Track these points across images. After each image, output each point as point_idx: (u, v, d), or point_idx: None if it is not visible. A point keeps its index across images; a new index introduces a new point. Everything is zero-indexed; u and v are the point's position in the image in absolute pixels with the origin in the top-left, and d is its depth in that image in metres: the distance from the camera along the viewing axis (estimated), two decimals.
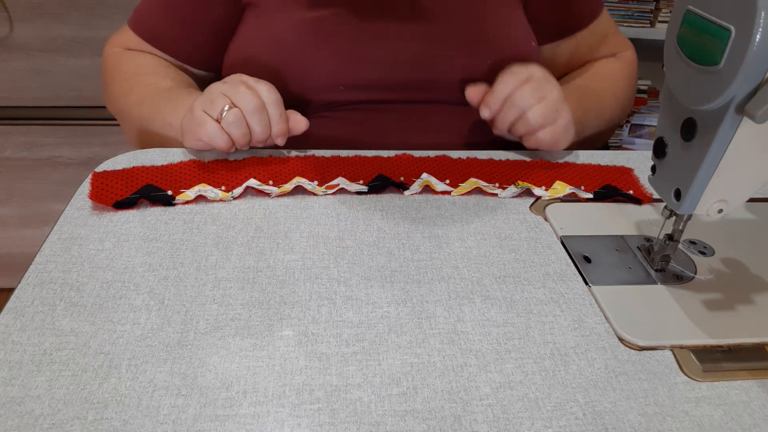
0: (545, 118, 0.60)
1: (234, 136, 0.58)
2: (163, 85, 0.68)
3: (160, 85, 0.68)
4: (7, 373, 0.39)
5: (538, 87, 0.60)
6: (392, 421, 0.38)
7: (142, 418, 0.37)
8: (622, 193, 0.60)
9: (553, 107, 0.60)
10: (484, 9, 0.69)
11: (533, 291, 0.48)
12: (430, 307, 0.46)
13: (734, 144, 0.40)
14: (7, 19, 1.27)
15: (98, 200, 0.54)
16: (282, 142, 0.61)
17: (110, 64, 0.73)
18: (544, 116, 0.60)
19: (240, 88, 0.57)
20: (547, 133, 0.61)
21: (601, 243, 0.54)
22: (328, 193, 0.58)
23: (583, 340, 0.44)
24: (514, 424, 0.38)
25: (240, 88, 0.57)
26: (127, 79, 0.70)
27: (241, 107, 0.57)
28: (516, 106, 0.60)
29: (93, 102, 1.38)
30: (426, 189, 0.60)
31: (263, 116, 0.58)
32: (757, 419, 0.39)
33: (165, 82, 0.68)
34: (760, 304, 0.48)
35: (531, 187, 0.60)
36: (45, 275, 0.47)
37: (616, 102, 0.76)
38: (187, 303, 0.45)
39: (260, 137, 0.59)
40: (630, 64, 0.79)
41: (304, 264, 0.50)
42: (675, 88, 0.42)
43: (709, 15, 0.38)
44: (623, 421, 0.38)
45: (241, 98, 0.57)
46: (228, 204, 0.56)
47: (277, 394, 0.39)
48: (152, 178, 0.57)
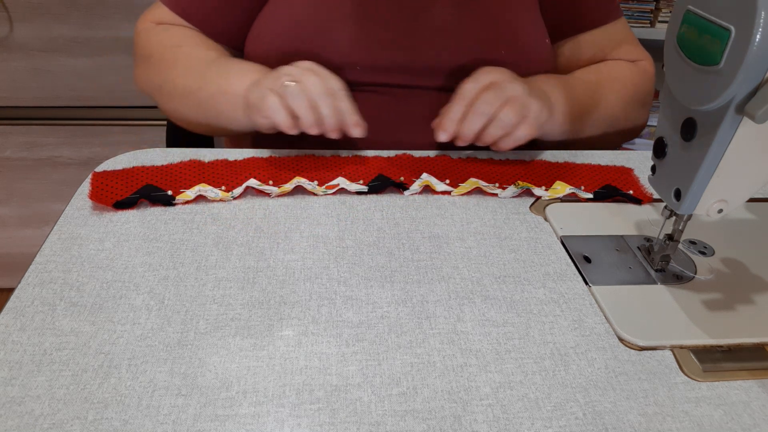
0: (518, 116, 0.59)
1: (297, 109, 0.56)
2: (208, 55, 0.68)
3: (204, 55, 0.68)
4: (7, 373, 0.39)
5: (501, 90, 0.59)
6: (392, 421, 0.37)
7: (142, 418, 0.37)
8: (622, 193, 0.60)
9: (521, 103, 0.59)
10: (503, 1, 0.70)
11: (533, 291, 0.48)
12: (430, 307, 0.46)
13: (734, 144, 0.40)
14: (7, 19, 1.27)
15: (98, 200, 0.54)
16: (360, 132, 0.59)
17: (145, 39, 0.72)
18: (517, 113, 0.59)
19: (308, 73, 0.57)
20: (524, 128, 0.59)
21: (601, 243, 0.54)
22: (328, 193, 0.58)
23: (583, 340, 0.44)
24: (514, 424, 0.38)
25: (308, 74, 0.57)
26: (168, 51, 0.69)
27: (307, 88, 0.57)
28: (481, 114, 0.59)
29: (93, 102, 1.38)
30: (426, 189, 0.60)
31: (331, 100, 0.57)
32: (757, 419, 0.39)
33: (209, 52, 0.68)
34: (760, 304, 0.48)
35: (531, 187, 0.60)
36: (45, 275, 0.47)
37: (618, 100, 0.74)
38: (187, 303, 0.45)
39: (330, 122, 0.58)
40: (644, 72, 0.76)
41: (304, 264, 0.50)
42: (675, 88, 0.42)
43: (709, 15, 0.38)
44: (623, 421, 0.38)
45: (308, 80, 0.57)
46: (228, 204, 0.56)
47: (277, 394, 0.39)
48: (152, 178, 0.57)
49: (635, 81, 0.75)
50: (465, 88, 0.61)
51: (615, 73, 0.75)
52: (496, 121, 0.58)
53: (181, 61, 0.68)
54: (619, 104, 0.74)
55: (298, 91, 0.56)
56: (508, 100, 0.58)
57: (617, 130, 0.76)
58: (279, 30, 0.68)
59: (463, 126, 0.60)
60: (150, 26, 0.72)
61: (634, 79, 0.75)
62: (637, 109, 0.76)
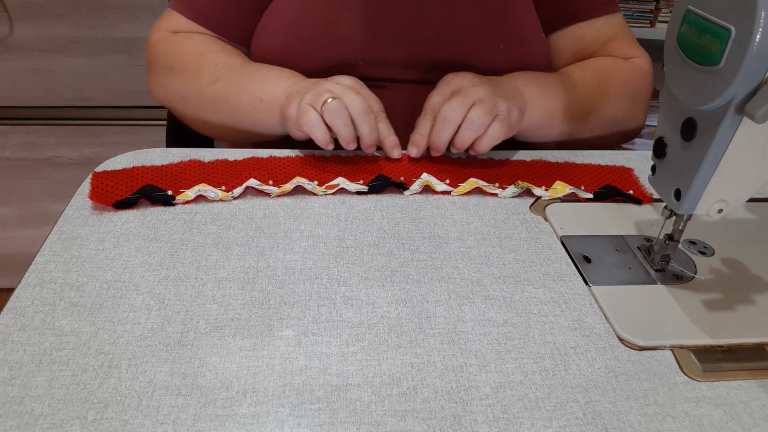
0: (488, 114, 0.58)
1: (335, 126, 0.57)
2: (233, 61, 0.68)
3: (231, 61, 0.68)
4: (7, 373, 0.39)
5: (465, 95, 0.59)
6: (392, 421, 0.37)
7: (142, 418, 0.37)
8: (622, 193, 0.60)
9: (490, 103, 0.59)
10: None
11: (533, 291, 0.48)
12: (430, 307, 0.46)
13: (734, 144, 0.40)
14: (7, 19, 1.27)
15: (98, 200, 0.54)
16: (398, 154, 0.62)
17: (163, 49, 0.71)
18: (486, 112, 0.58)
19: (349, 91, 0.58)
20: (496, 126, 0.59)
21: (601, 243, 0.54)
22: (328, 193, 0.58)
23: (583, 340, 0.44)
24: (514, 424, 0.38)
25: (349, 92, 0.58)
26: (191, 60, 0.68)
27: (348, 105, 0.57)
28: (448, 121, 0.59)
29: (93, 102, 1.38)
30: (426, 189, 0.60)
31: (371, 118, 0.58)
32: (757, 419, 0.39)
33: (232, 58, 0.68)
34: (760, 304, 0.48)
35: (531, 187, 0.60)
36: (45, 275, 0.47)
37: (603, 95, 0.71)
38: (187, 303, 0.45)
39: (368, 139, 0.59)
40: (637, 69, 0.74)
41: (304, 264, 0.50)
42: (675, 88, 0.42)
43: (709, 15, 0.38)
44: (623, 421, 0.38)
45: (349, 98, 0.57)
46: (228, 204, 0.56)
47: (277, 394, 0.39)
48: (152, 178, 0.57)
49: (625, 78, 0.73)
50: (430, 102, 0.62)
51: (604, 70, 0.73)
52: (466, 122, 0.58)
53: (207, 69, 0.67)
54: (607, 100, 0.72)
55: (338, 108, 0.56)
56: (474, 104, 0.58)
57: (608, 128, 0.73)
58: (284, 25, 0.69)
59: (432, 137, 0.60)
60: (166, 35, 0.71)
61: (624, 75, 0.73)
62: (629, 107, 0.73)
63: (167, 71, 0.70)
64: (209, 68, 0.67)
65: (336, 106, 0.56)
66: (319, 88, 0.58)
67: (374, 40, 0.68)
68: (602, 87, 0.71)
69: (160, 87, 0.72)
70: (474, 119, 0.58)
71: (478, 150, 0.60)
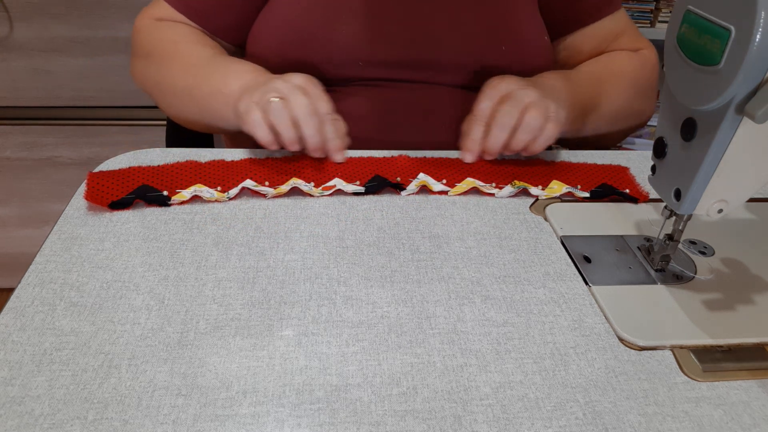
0: (543, 117, 0.59)
1: (277, 127, 0.56)
2: (205, 52, 0.68)
3: (202, 52, 0.68)
4: (7, 373, 0.39)
5: (516, 99, 0.60)
6: (392, 421, 0.37)
7: (142, 418, 0.37)
8: (619, 191, 0.60)
9: (542, 105, 0.60)
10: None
11: (533, 291, 0.48)
12: (430, 307, 0.46)
13: (734, 144, 0.40)
14: (7, 19, 1.27)
15: (94, 200, 0.54)
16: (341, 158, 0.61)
17: (144, 36, 0.72)
18: (542, 114, 0.59)
19: (296, 91, 0.57)
20: (551, 127, 0.60)
21: (601, 243, 0.54)
22: (324, 194, 0.58)
23: (583, 340, 0.44)
24: (514, 424, 0.38)
25: (296, 92, 0.57)
26: (166, 48, 0.69)
27: (292, 107, 0.56)
28: (505, 126, 0.59)
29: (93, 102, 1.38)
30: (423, 189, 0.60)
31: (314, 120, 0.57)
32: (757, 419, 0.39)
33: (206, 49, 0.68)
34: (760, 304, 0.48)
35: (528, 187, 0.60)
36: (45, 275, 0.47)
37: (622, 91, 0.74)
38: (187, 303, 0.45)
39: (311, 142, 0.58)
40: (646, 60, 0.78)
41: (304, 264, 0.50)
42: (675, 88, 0.42)
43: (709, 15, 0.38)
44: (623, 421, 0.38)
45: (295, 98, 0.56)
46: (228, 204, 0.56)
47: (277, 394, 0.39)
48: (148, 179, 0.57)
49: (637, 71, 0.76)
50: (480, 108, 0.62)
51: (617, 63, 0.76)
52: (523, 127, 0.59)
53: (179, 59, 0.68)
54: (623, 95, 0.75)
55: (280, 108, 0.56)
56: (527, 106, 0.59)
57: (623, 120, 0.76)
58: (282, 26, 0.69)
59: (488, 142, 0.61)
60: (150, 23, 0.72)
61: (636, 68, 0.76)
62: (641, 98, 0.77)
63: (145, 57, 0.71)
64: (180, 58, 0.68)
65: (278, 106, 0.56)
66: (267, 87, 0.58)
67: (374, 40, 0.68)
68: (620, 80, 0.74)
69: (140, 73, 0.73)
70: (531, 122, 0.59)
71: (533, 151, 0.61)
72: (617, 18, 0.77)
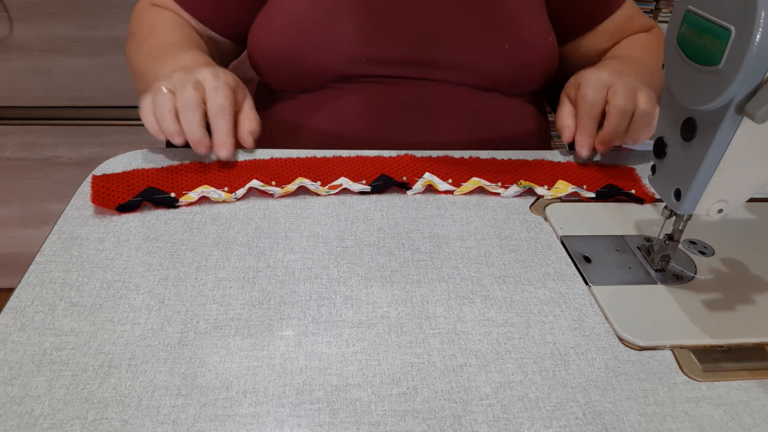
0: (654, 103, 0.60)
1: (159, 118, 0.56)
2: (169, 39, 0.68)
3: (167, 39, 0.69)
4: (7, 373, 0.39)
5: (626, 88, 0.60)
6: (392, 421, 0.37)
7: (142, 418, 0.37)
8: (625, 192, 0.60)
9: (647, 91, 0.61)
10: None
11: (533, 291, 0.48)
12: (430, 307, 0.46)
13: (734, 144, 0.40)
14: (7, 19, 1.27)
15: (100, 204, 0.54)
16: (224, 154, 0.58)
17: (135, 19, 0.74)
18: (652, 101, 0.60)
19: (187, 84, 0.56)
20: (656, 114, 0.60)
21: (601, 243, 0.54)
22: (331, 193, 0.58)
23: (583, 340, 0.44)
24: (514, 424, 0.38)
25: (188, 85, 0.56)
26: (143, 32, 0.71)
27: (177, 98, 0.56)
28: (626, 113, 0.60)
29: (93, 102, 1.38)
30: (429, 189, 0.60)
31: (195, 115, 0.56)
32: (757, 419, 0.39)
33: (172, 37, 0.69)
34: (760, 304, 0.48)
35: (533, 187, 0.60)
36: (45, 275, 0.47)
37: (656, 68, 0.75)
38: (187, 303, 0.45)
39: (190, 136, 0.57)
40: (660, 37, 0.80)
41: (304, 264, 0.50)
42: (675, 88, 0.42)
43: (709, 15, 0.38)
44: (623, 421, 0.38)
45: (181, 91, 0.56)
46: (228, 204, 0.56)
47: (277, 394, 0.39)
48: (154, 181, 0.57)
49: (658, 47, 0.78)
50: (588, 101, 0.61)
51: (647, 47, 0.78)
52: (640, 114, 0.60)
53: (149, 42, 0.69)
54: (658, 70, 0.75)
55: (163, 100, 0.56)
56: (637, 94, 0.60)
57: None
58: (285, 24, 0.69)
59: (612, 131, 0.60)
60: (145, 7, 0.74)
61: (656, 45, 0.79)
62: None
63: (130, 37, 0.73)
64: (149, 42, 0.69)
65: (161, 98, 0.56)
66: (167, 78, 0.58)
67: (377, 38, 0.69)
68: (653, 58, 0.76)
69: (126, 51, 0.74)
70: (646, 109, 0.60)
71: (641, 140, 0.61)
72: (626, 7, 0.79)
